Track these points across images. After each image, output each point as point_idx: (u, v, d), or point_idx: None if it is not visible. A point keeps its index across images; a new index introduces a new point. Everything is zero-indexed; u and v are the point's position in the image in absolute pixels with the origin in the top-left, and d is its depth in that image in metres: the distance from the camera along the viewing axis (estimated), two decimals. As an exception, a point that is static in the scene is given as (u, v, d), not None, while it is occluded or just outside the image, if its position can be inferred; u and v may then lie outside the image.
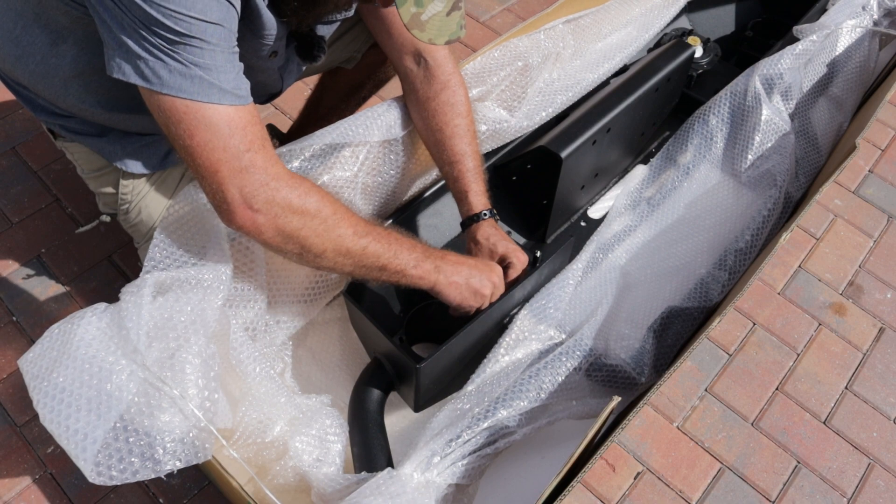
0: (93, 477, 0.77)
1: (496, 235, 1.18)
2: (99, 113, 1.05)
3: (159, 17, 0.78)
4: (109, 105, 1.04)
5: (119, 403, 0.79)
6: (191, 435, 0.81)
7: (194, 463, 0.81)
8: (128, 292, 0.88)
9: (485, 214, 1.18)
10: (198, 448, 0.81)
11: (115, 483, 0.77)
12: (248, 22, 0.94)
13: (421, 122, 1.20)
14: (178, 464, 0.79)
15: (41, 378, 0.81)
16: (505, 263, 1.17)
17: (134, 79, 0.83)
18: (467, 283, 1.08)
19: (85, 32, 0.95)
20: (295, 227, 0.91)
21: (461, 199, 1.20)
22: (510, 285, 1.17)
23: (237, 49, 0.88)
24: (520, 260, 1.18)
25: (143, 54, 0.81)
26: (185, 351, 0.83)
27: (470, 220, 1.19)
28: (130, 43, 0.81)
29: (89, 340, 0.82)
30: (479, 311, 1.12)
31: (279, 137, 1.61)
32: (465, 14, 0.93)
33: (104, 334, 0.83)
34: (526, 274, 1.19)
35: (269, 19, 0.97)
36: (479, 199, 1.19)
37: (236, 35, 0.87)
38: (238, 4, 0.86)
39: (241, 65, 0.88)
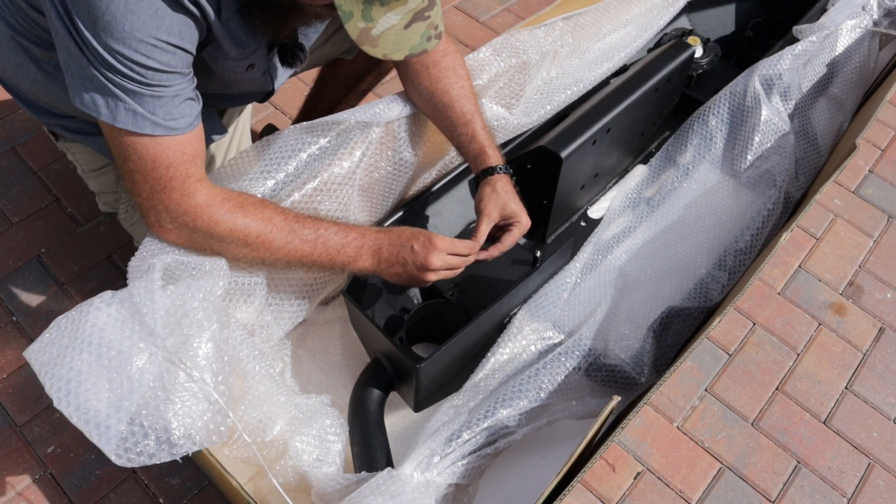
0: (115, 458, 0.78)
1: (511, 193, 1.15)
2: None
3: (105, 54, 0.82)
4: None
5: (140, 386, 0.80)
6: (205, 418, 0.82)
7: (209, 446, 0.82)
8: (135, 276, 0.89)
9: (504, 168, 1.17)
10: (212, 431, 0.82)
11: (133, 465, 0.79)
12: (215, 47, 0.96)
13: (423, 91, 1.18)
14: (193, 447, 0.81)
15: (52, 364, 0.81)
16: (508, 223, 1.15)
17: (77, 102, 0.88)
18: (400, 261, 1.06)
19: None
20: (205, 248, 0.99)
21: (477, 157, 1.18)
22: (510, 285, 1.17)
23: (185, 85, 0.90)
24: (520, 227, 1.15)
25: (85, 82, 0.86)
26: (198, 337, 0.85)
27: (486, 172, 1.16)
28: (76, 69, 0.86)
29: (102, 326, 0.83)
30: (479, 311, 1.12)
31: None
32: (437, 24, 0.90)
33: (116, 320, 0.84)
34: (526, 274, 1.19)
35: (238, 42, 0.98)
36: (496, 153, 1.18)
37: (187, 71, 0.90)
38: (192, 45, 0.88)
39: (185, 96, 0.91)
